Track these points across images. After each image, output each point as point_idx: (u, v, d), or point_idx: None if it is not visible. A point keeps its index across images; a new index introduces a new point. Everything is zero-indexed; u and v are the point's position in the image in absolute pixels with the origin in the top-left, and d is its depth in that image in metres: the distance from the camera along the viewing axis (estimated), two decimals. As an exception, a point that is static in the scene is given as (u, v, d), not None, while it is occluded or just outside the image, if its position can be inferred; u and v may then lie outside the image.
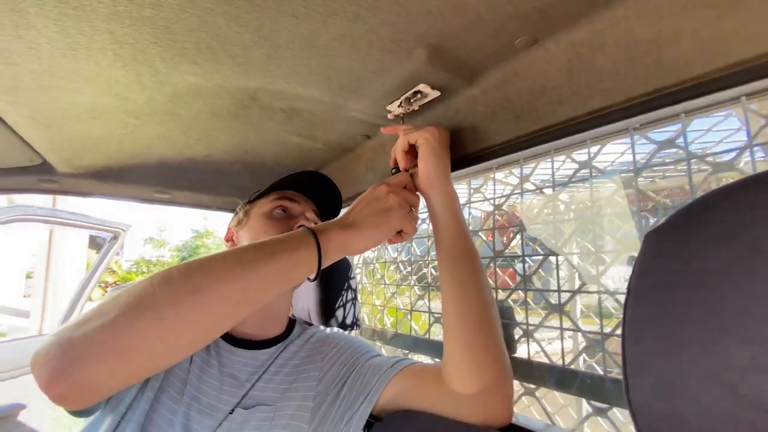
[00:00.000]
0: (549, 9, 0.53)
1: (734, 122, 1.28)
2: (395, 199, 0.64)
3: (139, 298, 0.47)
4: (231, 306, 0.50)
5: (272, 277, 0.53)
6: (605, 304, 2.13)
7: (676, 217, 0.37)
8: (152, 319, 0.46)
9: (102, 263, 2.44)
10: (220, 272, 0.50)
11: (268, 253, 0.53)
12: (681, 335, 0.34)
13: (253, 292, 0.52)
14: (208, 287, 0.48)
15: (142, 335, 0.45)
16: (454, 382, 0.62)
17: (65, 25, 0.54)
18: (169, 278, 0.49)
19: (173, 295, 0.47)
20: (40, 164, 1.08)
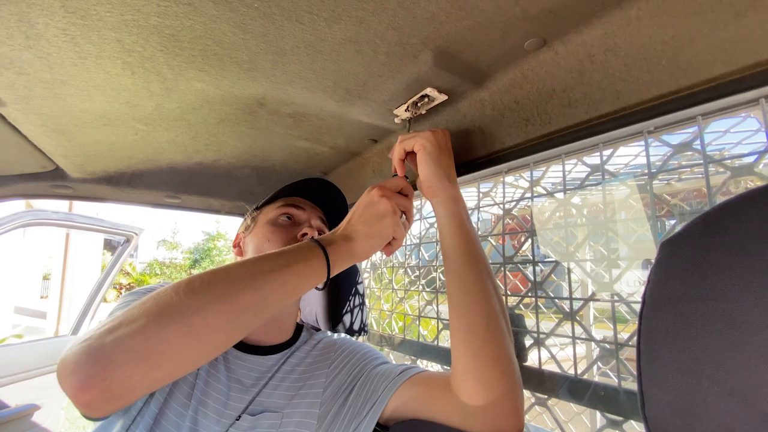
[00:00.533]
0: (559, 10, 0.52)
1: (753, 123, 1.24)
2: (387, 205, 0.65)
3: (167, 306, 0.49)
4: (252, 313, 0.53)
5: (288, 287, 0.56)
6: (619, 308, 2.08)
7: (692, 226, 0.36)
8: (180, 326, 0.48)
9: (116, 266, 2.47)
10: (241, 282, 0.53)
11: (282, 264, 0.57)
12: (700, 350, 0.32)
13: (271, 300, 0.55)
14: (231, 296, 0.51)
15: (171, 341, 0.47)
16: (463, 392, 0.60)
17: (74, 35, 0.54)
18: (194, 287, 0.51)
19: (199, 304, 0.50)
20: (53, 170, 1.10)
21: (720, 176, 0.59)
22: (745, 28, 0.43)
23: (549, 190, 0.83)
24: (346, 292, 1.03)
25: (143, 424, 0.63)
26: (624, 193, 0.85)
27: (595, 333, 1.85)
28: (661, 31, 0.49)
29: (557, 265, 0.78)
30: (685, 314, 0.33)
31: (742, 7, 0.43)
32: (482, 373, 0.59)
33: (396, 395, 0.67)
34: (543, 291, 0.77)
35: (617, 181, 0.77)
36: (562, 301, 0.76)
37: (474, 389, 0.59)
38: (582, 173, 0.81)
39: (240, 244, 0.89)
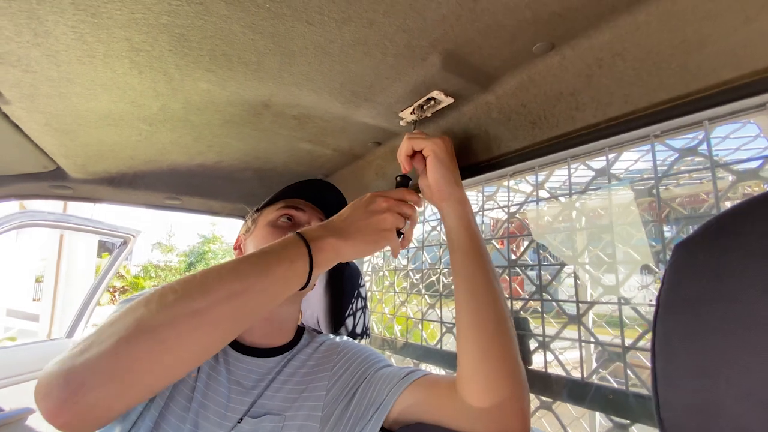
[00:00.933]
0: (568, 14, 0.53)
1: (753, 129, 1.26)
2: (391, 221, 0.63)
3: (137, 322, 0.47)
4: (229, 323, 0.51)
5: (269, 292, 0.53)
6: (617, 313, 2.08)
7: (706, 228, 0.36)
8: (152, 344, 0.46)
9: (112, 268, 2.45)
10: (216, 291, 0.50)
11: (263, 268, 0.54)
12: (716, 352, 0.32)
13: (251, 307, 0.52)
14: (207, 307, 0.49)
15: (143, 360, 0.46)
16: (470, 394, 0.60)
17: (83, 33, 0.54)
18: (165, 300, 0.49)
19: (171, 318, 0.47)
20: (53, 170, 1.09)
21: (721, 182, 0.60)
22: (755, 32, 0.44)
23: (552, 193, 0.83)
24: (348, 295, 1.03)
25: (143, 429, 0.62)
26: (627, 197, 0.86)
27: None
28: (671, 35, 0.50)
29: (561, 268, 0.78)
30: (701, 316, 0.33)
31: (752, 12, 0.44)
32: (490, 374, 0.59)
33: (401, 398, 0.67)
34: (548, 294, 0.77)
35: (621, 185, 0.78)
36: (566, 305, 0.76)
37: (481, 390, 0.59)
38: (583, 177, 0.81)
39: (240, 247, 0.89)
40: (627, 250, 0.99)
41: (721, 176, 0.61)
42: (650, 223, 0.63)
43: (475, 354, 0.61)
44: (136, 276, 12.49)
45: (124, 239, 2.39)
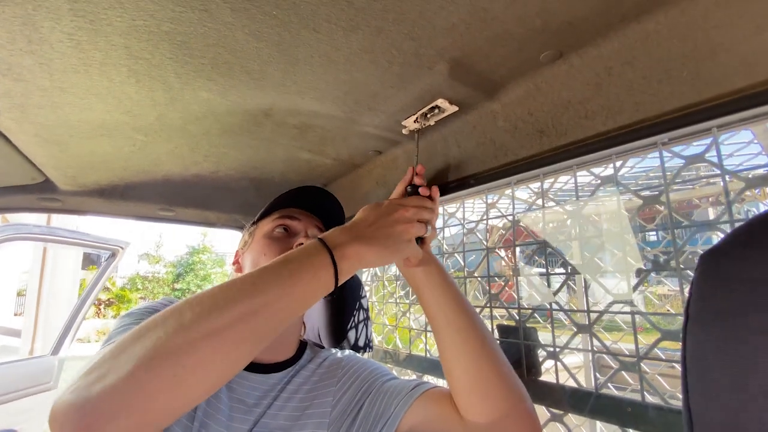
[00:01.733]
0: (578, 22, 0.52)
1: (747, 135, 1.29)
2: (412, 231, 0.62)
3: (155, 348, 0.44)
4: (252, 340, 0.48)
5: (293, 305, 0.51)
6: (616, 318, 2.08)
7: (735, 237, 0.35)
8: (172, 369, 0.44)
9: (99, 282, 2.38)
10: (237, 307, 0.47)
11: (285, 278, 0.51)
12: (754, 366, 0.31)
13: (274, 322, 0.49)
14: (228, 327, 0.46)
15: (163, 387, 0.43)
16: (470, 415, 0.61)
17: (80, 40, 0.52)
18: (183, 322, 0.46)
19: (191, 341, 0.45)
20: (41, 182, 1.05)
21: (712, 187, 0.60)
22: (766, 41, 0.44)
23: (555, 200, 0.83)
24: (350, 306, 1.01)
25: None
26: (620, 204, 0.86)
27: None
28: (681, 44, 0.50)
29: (569, 276, 0.77)
30: (735, 328, 0.32)
31: (763, 21, 0.44)
32: (487, 387, 0.60)
33: (410, 412, 0.65)
34: (557, 303, 0.76)
35: (607, 193, 0.77)
36: (574, 313, 0.75)
37: (481, 411, 0.59)
38: (581, 184, 0.81)
39: (239, 261, 0.86)
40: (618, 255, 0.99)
41: (713, 182, 0.61)
42: (670, 228, 0.62)
43: (466, 382, 0.61)
44: (122, 288, 12.21)
45: (112, 251, 2.32)
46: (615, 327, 2.69)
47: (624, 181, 1.81)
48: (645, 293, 2.05)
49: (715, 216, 1.71)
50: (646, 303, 2.41)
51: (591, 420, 1.46)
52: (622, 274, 0.73)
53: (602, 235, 0.84)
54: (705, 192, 2.14)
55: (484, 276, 0.97)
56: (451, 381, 0.64)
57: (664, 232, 0.73)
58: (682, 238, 0.68)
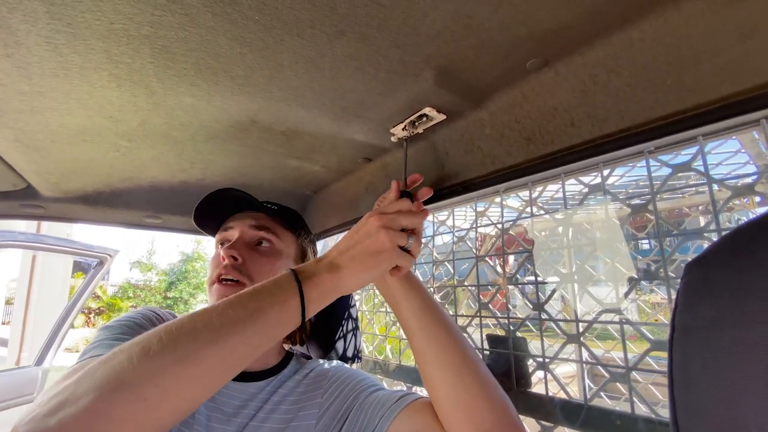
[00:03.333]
0: (562, 31, 0.52)
1: (734, 144, 1.31)
2: (386, 239, 0.58)
3: (117, 376, 0.43)
4: (218, 372, 0.47)
5: (260, 336, 0.50)
6: (607, 326, 2.07)
7: (720, 246, 0.34)
8: (133, 400, 0.42)
9: (87, 289, 2.33)
10: (205, 338, 0.46)
11: (254, 309, 0.50)
12: (742, 379, 0.30)
13: (241, 354, 0.48)
14: (191, 356, 0.45)
15: (123, 419, 0.42)
16: (456, 426, 0.59)
17: (58, 44, 0.51)
18: (148, 350, 0.44)
19: (154, 370, 0.43)
20: (23, 189, 1.03)
21: (701, 196, 0.60)
22: (751, 48, 0.44)
23: (545, 208, 0.82)
24: (338, 316, 0.99)
25: None
26: (609, 212, 0.86)
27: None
28: (665, 51, 0.50)
29: (558, 285, 0.76)
30: (722, 340, 0.31)
31: (746, 29, 0.44)
32: (470, 400, 0.58)
33: (394, 424, 0.64)
34: (546, 313, 0.75)
35: (615, 200, 0.77)
36: (564, 323, 0.74)
37: (466, 420, 0.58)
38: (569, 191, 0.81)
39: None
40: (616, 264, 0.98)
41: (702, 191, 0.61)
42: (659, 237, 0.62)
43: (449, 396, 0.60)
44: (113, 296, 12.03)
45: (100, 259, 2.29)
46: (607, 336, 2.68)
47: (613, 190, 1.82)
48: (637, 302, 2.05)
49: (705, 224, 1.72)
50: (639, 311, 2.41)
51: None
52: (612, 282, 0.72)
53: (593, 243, 0.84)
54: (695, 200, 2.15)
55: (474, 285, 0.97)
56: (434, 396, 0.62)
57: (654, 241, 0.73)
58: (673, 247, 0.68)
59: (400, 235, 0.59)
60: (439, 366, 0.62)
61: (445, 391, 0.60)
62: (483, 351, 0.88)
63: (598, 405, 0.61)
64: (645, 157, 0.60)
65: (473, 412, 0.58)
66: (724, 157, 1.33)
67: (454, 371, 0.61)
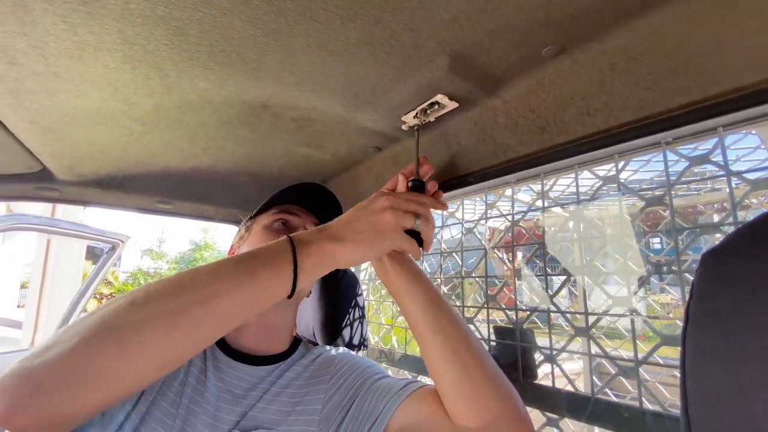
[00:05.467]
0: (582, 16, 0.51)
1: (754, 140, 1.27)
2: (391, 218, 0.57)
3: (101, 323, 0.44)
4: (203, 331, 0.47)
5: (249, 298, 0.49)
6: (615, 325, 2.06)
7: (738, 237, 0.34)
8: (113, 345, 0.43)
9: (99, 275, 2.38)
10: (189, 295, 0.47)
11: (243, 271, 0.49)
12: (755, 369, 0.29)
13: (228, 313, 0.48)
14: (177, 311, 0.45)
15: (103, 362, 0.43)
16: (459, 419, 0.59)
17: (73, 23, 0.51)
18: (135, 301, 0.46)
19: (139, 320, 0.44)
20: (39, 171, 1.04)
21: (718, 194, 0.58)
22: (776, 36, 0.42)
23: (557, 202, 0.81)
24: (345, 304, 0.99)
25: None
26: (621, 208, 0.84)
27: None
28: (687, 39, 0.48)
29: (567, 279, 0.75)
30: (736, 330, 0.31)
31: (772, 16, 0.42)
32: (475, 389, 0.58)
33: (399, 411, 0.64)
34: (554, 305, 0.74)
35: (613, 197, 0.76)
36: (573, 316, 0.73)
37: (470, 414, 0.57)
38: (583, 188, 0.80)
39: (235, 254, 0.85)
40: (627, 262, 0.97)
41: (719, 188, 0.59)
42: (672, 232, 0.60)
43: (453, 386, 0.59)
44: (124, 283, 12.25)
45: (113, 245, 2.32)
46: (616, 334, 2.66)
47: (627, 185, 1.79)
48: (648, 300, 2.03)
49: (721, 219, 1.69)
50: (648, 311, 2.38)
51: (589, 427, 1.43)
52: (622, 278, 0.71)
53: (604, 239, 0.83)
54: (710, 198, 2.11)
55: (482, 277, 0.96)
56: (439, 386, 0.62)
57: (667, 237, 0.72)
58: (687, 244, 0.67)
59: (406, 216, 0.58)
60: (443, 356, 0.61)
61: (450, 382, 0.60)
62: (489, 342, 0.88)
63: (604, 398, 0.61)
64: (662, 148, 0.59)
65: (478, 402, 0.57)
66: (744, 153, 1.30)
67: (458, 361, 0.60)
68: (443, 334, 0.63)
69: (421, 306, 0.65)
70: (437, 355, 0.62)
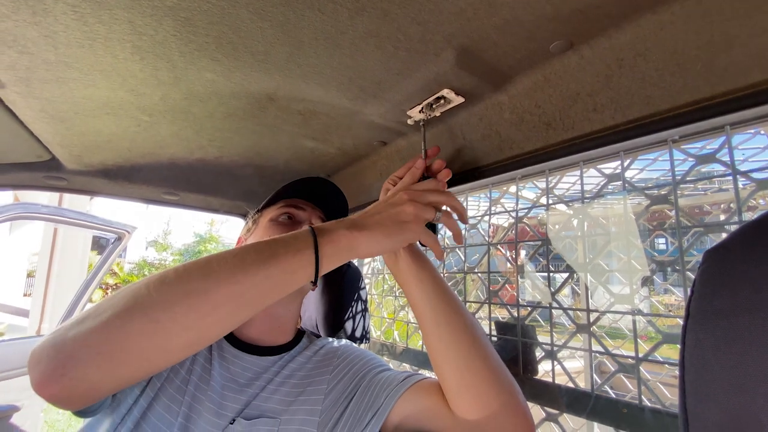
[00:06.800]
0: (590, 11, 0.51)
1: (762, 140, 1.25)
2: (412, 211, 0.59)
3: (133, 299, 0.46)
4: (228, 310, 0.49)
5: (272, 281, 0.51)
6: (617, 324, 2.05)
7: (740, 235, 0.34)
8: (145, 322, 0.45)
9: (105, 264, 2.40)
10: (218, 275, 0.49)
11: (268, 255, 0.52)
12: (753, 366, 0.30)
13: (252, 296, 0.50)
14: (205, 290, 0.48)
15: (135, 338, 0.45)
16: (460, 410, 0.59)
17: (84, 13, 0.51)
18: (165, 280, 0.48)
19: (168, 297, 0.47)
20: (48, 160, 1.06)
21: (725, 194, 0.58)
22: (787, 33, 0.42)
23: (561, 199, 0.81)
24: (348, 297, 1.00)
25: (131, 420, 0.60)
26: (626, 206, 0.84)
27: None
28: (696, 36, 0.48)
29: (570, 276, 0.75)
30: (736, 327, 0.31)
31: (783, 12, 0.42)
32: (477, 383, 0.58)
33: (399, 404, 0.65)
34: (556, 302, 0.74)
35: (619, 195, 0.76)
36: (575, 314, 0.73)
37: (471, 406, 0.58)
38: (588, 185, 0.79)
39: None
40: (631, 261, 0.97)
41: (726, 188, 0.59)
42: (677, 229, 0.60)
43: (456, 379, 0.60)
44: (129, 273, 12.36)
45: (119, 235, 2.35)
46: (618, 334, 2.66)
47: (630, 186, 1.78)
48: (651, 300, 2.02)
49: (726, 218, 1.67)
50: (651, 311, 2.37)
51: (589, 423, 1.43)
52: (626, 277, 0.71)
53: (608, 237, 0.82)
54: (716, 198, 2.09)
55: (485, 272, 0.96)
56: (442, 377, 0.62)
57: (672, 237, 0.72)
58: (691, 243, 0.66)
59: (427, 208, 0.59)
60: (448, 348, 0.62)
61: (453, 373, 0.61)
62: (491, 337, 0.88)
63: (603, 394, 0.61)
64: (669, 146, 0.59)
65: (481, 395, 0.58)
66: (752, 153, 1.28)
67: (462, 354, 0.61)
68: (449, 325, 0.63)
69: (429, 295, 0.65)
70: (442, 347, 0.63)
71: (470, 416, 0.58)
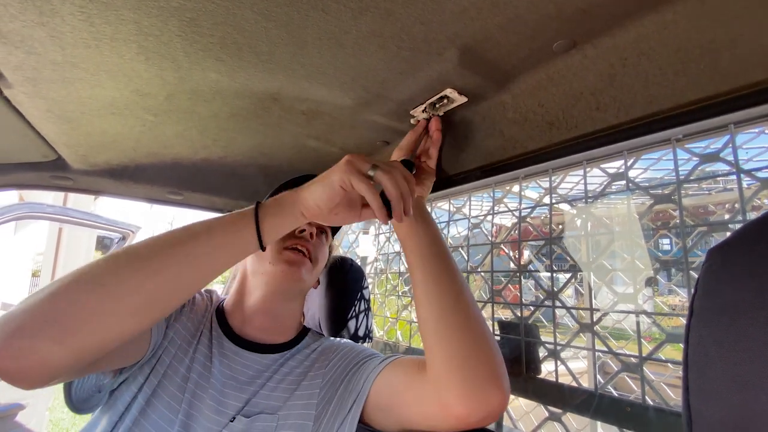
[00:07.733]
0: (594, 10, 0.51)
1: (767, 139, 1.25)
2: (342, 162, 0.61)
3: (81, 272, 0.48)
4: (173, 273, 0.51)
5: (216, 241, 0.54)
6: (621, 325, 2.05)
7: (745, 232, 0.34)
8: (92, 285, 0.47)
9: (109, 264, 2.42)
10: (164, 240, 0.52)
11: (214, 221, 0.56)
12: (758, 364, 0.30)
13: (197, 257, 0.53)
14: (151, 254, 0.50)
15: (82, 303, 0.46)
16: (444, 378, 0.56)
17: (90, 13, 0.52)
18: (117, 253, 0.51)
19: (115, 265, 0.49)
20: (54, 160, 1.06)
21: (730, 193, 0.58)
22: (791, 32, 0.42)
23: (564, 198, 0.81)
24: (350, 296, 1.00)
25: (129, 417, 0.61)
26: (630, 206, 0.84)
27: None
28: (699, 35, 0.48)
29: (573, 275, 0.75)
30: (740, 324, 0.31)
31: (788, 10, 0.42)
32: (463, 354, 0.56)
33: (377, 383, 0.65)
34: (559, 301, 0.74)
35: (623, 195, 0.76)
36: (579, 313, 0.73)
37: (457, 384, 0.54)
38: (591, 185, 0.80)
39: None
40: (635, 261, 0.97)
41: (730, 188, 0.59)
42: (681, 228, 0.60)
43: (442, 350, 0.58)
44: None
45: (123, 234, 2.36)
46: (622, 335, 2.65)
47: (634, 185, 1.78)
48: (655, 300, 2.02)
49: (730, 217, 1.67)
50: (655, 311, 2.36)
51: (592, 423, 1.43)
52: (629, 277, 0.71)
53: (612, 237, 0.82)
54: (721, 198, 2.09)
55: (488, 271, 0.96)
56: (427, 346, 0.60)
57: (676, 237, 0.71)
58: (695, 242, 0.66)
59: (361, 161, 0.60)
60: (437, 314, 0.60)
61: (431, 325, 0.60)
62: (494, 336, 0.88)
63: (606, 393, 0.61)
64: (672, 145, 0.59)
65: (465, 370, 0.55)
66: (756, 152, 1.28)
67: (444, 313, 0.59)
68: (440, 287, 0.62)
69: (423, 252, 0.66)
70: (431, 312, 0.61)
71: (441, 381, 0.56)
